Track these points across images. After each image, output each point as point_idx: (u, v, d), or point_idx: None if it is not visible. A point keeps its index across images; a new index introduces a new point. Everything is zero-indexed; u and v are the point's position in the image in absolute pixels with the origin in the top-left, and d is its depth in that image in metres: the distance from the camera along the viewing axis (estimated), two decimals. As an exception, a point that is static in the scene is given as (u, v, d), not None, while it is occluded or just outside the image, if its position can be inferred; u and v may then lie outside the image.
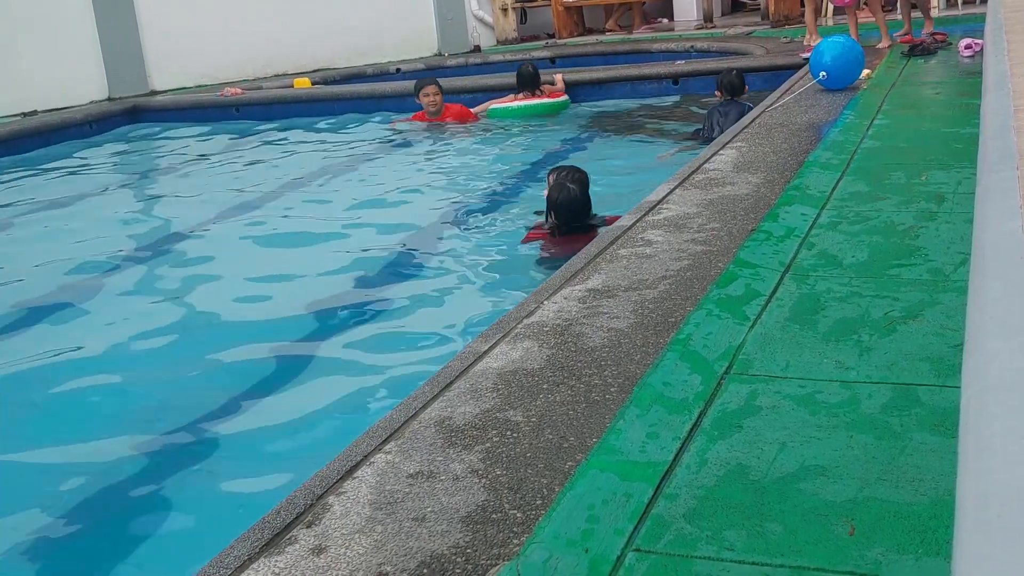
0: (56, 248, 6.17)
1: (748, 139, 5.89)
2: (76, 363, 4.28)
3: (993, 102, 3.09)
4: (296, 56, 13.05)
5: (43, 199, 7.80)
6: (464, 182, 7.42)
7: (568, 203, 4.89)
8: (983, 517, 0.88)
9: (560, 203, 4.89)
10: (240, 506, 2.97)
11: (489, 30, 14.76)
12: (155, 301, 5.02)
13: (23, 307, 5.06)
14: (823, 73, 7.29)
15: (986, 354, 1.14)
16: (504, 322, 3.24)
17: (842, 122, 6.21)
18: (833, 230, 3.99)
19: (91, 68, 11.77)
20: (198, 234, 6.36)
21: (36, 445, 3.58)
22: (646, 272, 3.59)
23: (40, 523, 3.04)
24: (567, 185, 4.90)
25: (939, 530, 1.93)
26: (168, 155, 9.54)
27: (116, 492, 3.19)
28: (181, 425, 3.60)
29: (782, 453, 2.27)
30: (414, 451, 2.40)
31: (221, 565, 2.01)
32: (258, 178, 8.03)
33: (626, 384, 2.68)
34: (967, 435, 1.03)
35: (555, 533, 2.02)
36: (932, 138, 5.57)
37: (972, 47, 8.49)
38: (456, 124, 9.27)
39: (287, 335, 4.43)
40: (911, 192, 4.43)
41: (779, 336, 2.96)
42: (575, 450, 2.35)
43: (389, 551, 2.00)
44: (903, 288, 3.27)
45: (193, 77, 12.48)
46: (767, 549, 1.92)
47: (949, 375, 2.59)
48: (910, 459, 2.21)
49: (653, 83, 10.21)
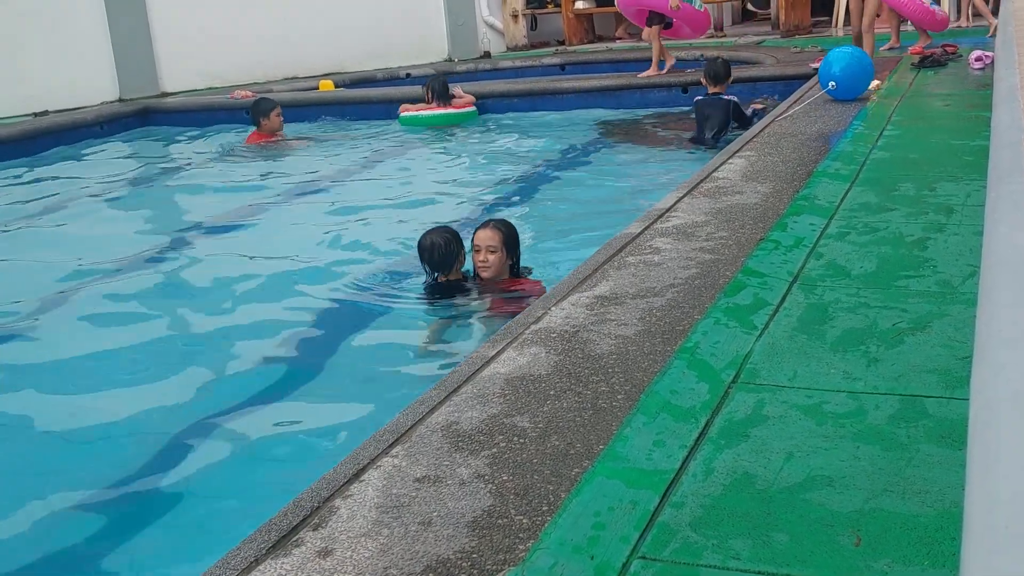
0: (64, 249, 6.19)
1: (757, 148, 5.89)
2: (83, 364, 4.29)
3: (1004, 114, 3.08)
4: (306, 59, 13.07)
5: (53, 199, 7.83)
6: (471, 186, 7.44)
7: (425, 248, 4.52)
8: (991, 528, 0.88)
9: (420, 246, 4.56)
10: (247, 508, 2.97)
11: (499, 36, 14.78)
12: (161, 302, 5.03)
13: (28, 307, 5.07)
14: (832, 83, 7.30)
15: (995, 365, 1.14)
16: (512, 328, 3.24)
17: (852, 133, 6.21)
18: (842, 240, 3.98)
19: (102, 69, 11.81)
20: (209, 236, 6.37)
21: (42, 446, 3.59)
22: (654, 280, 3.59)
23: (47, 524, 3.05)
24: (429, 234, 4.57)
25: (945, 542, 1.93)
26: (178, 157, 9.57)
27: (123, 493, 3.20)
28: (188, 427, 3.60)
29: (789, 463, 2.27)
30: (421, 455, 2.40)
31: (228, 566, 2.01)
32: (266, 181, 8.05)
33: (633, 392, 2.68)
34: (975, 446, 1.03)
35: (561, 539, 2.02)
36: (942, 150, 5.56)
37: (983, 59, 8.49)
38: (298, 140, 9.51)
39: (294, 338, 4.44)
40: (920, 203, 4.43)
41: (787, 346, 2.96)
42: (581, 457, 2.35)
43: (395, 555, 2.00)
44: (911, 299, 3.27)
45: (203, 79, 12.52)
46: (773, 558, 1.92)
47: (957, 387, 2.58)
48: (917, 470, 2.21)
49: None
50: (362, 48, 13.42)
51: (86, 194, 7.98)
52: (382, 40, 13.57)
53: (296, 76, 12.95)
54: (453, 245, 4.54)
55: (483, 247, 4.49)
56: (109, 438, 3.56)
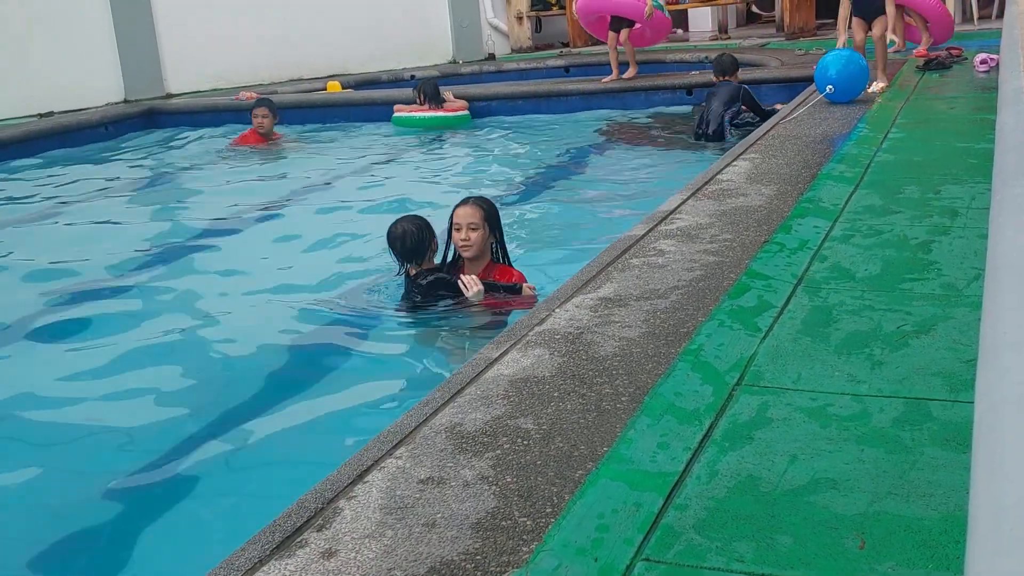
0: (67, 250, 6.20)
1: (761, 151, 5.89)
2: (88, 364, 4.29)
3: (1009, 117, 3.08)
4: (311, 61, 13.10)
5: (58, 200, 7.85)
6: (473, 189, 7.44)
7: (396, 236, 4.37)
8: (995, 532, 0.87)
9: (390, 235, 4.41)
10: (251, 509, 2.97)
11: (504, 38, 14.79)
12: (166, 303, 5.04)
13: (29, 308, 5.08)
14: (830, 87, 7.31)
15: (1000, 368, 1.13)
16: (515, 329, 3.24)
17: (856, 135, 6.21)
18: (846, 243, 3.98)
19: (108, 70, 11.83)
20: (215, 236, 6.38)
21: (44, 447, 3.59)
22: (658, 282, 3.59)
23: (51, 525, 3.05)
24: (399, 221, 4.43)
25: (949, 545, 1.93)
26: (182, 159, 9.58)
27: (127, 494, 3.20)
28: (193, 429, 3.61)
29: (793, 465, 2.27)
30: (425, 457, 2.41)
31: (232, 567, 2.01)
32: (271, 183, 8.06)
33: (637, 394, 2.68)
34: (980, 449, 1.03)
35: (565, 541, 2.02)
36: (946, 152, 5.56)
37: (987, 62, 8.49)
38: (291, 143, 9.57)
39: (298, 340, 4.44)
40: (925, 206, 4.43)
41: (791, 348, 2.95)
42: (585, 459, 2.35)
43: (399, 556, 2.00)
44: (916, 302, 3.27)
45: (208, 80, 12.54)
46: (777, 561, 1.92)
47: (961, 390, 2.58)
48: (921, 473, 2.20)
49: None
50: (366, 50, 13.45)
51: (91, 195, 7.99)
52: (386, 42, 13.59)
53: (301, 78, 12.97)
54: (424, 232, 4.38)
55: (464, 224, 4.28)
56: (112, 438, 3.56)
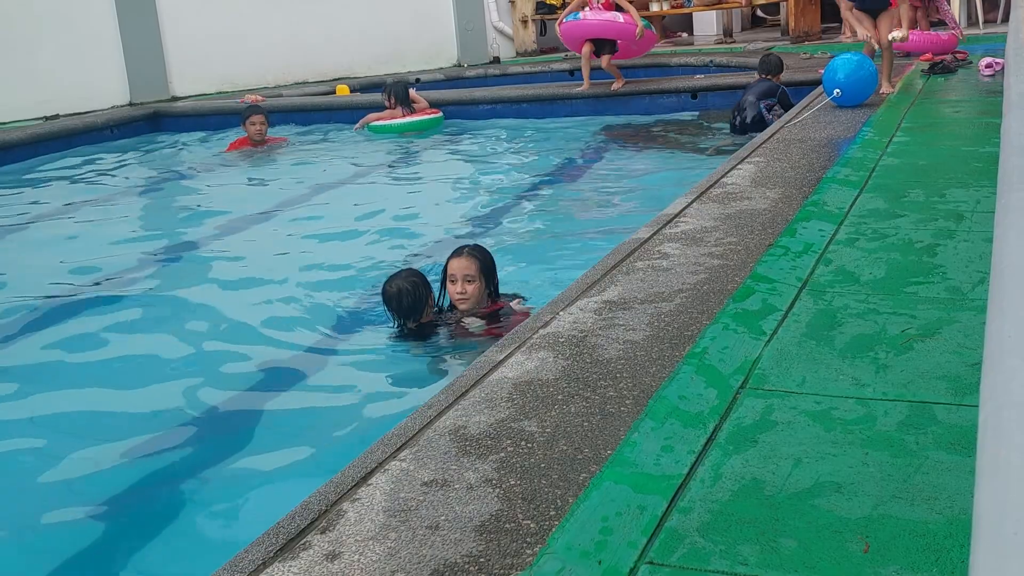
0: (71, 252, 6.21)
1: (766, 154, 5.89)
2: (91, 365, 4.30)
3: (1014, 121, 3.08)
4: (317, 64, 13.11)
5: (63, 203, 7.86)
6: (479, 190, 7.45)
7: (392, 296, 4.18)
8: (1000, 536, 0.87)
9: (386, 294, 4.22)
10: (255, 511, 2.98)
11: (508, 41, 14.80)
12: (169, 306, 5.04)
13: (31, 310, 5.09)
14: (837, 91, 7.29)
15: (1005, 372, 1.13)
16: (520, 332, 3.24)
17: (861, 139, 6.20)
18: (851, 246, 3.98)
19: (113, 73, 11.85)
20: (218, 239, 6.39)
21: (46, 448, 3.59)
22: (662, 285, 3.59)
23: (55, 525, 3.06)
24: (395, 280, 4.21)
25: (954, 549, 1.93)
26: (188, 162, 9.60)
27: (131, 494, 3.21)
28: (196, 429, 3.61)
29: (797, 469, 2.27)
30: (428, 459, 2.41)
31: (235, 569, 2.02)
32: (277, 185, 8.07)
33: (641, 397, 2.68)
34: (984, 453, 1.03)
35: (568, 544, 2.02)
36: (952, 156, 5.55)
37: (993, 66, 8.47)
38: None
39: (302, 341, 4.45)
40: (930, 210, 4.42)
41: (795, 352, 2.95)
42: (589, 462, 2.35)
43: (403, 558, 2.00)
44: (921, 306, 3.26)
45: (214, 83, 12.56)
46: (781, 564, 1.92)
47: (966, 393, 2.58)
48: (926, 477, 2.20)
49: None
50: (372, 53, 13.46)
51: (96, 198, 8.01)
52: (392, 45, 13.61)
53: (306, 81, 12.99)
54: (420, 289, 4.17)
55: (459, 277, 4.14)
56: (114, 441, 3.56)
